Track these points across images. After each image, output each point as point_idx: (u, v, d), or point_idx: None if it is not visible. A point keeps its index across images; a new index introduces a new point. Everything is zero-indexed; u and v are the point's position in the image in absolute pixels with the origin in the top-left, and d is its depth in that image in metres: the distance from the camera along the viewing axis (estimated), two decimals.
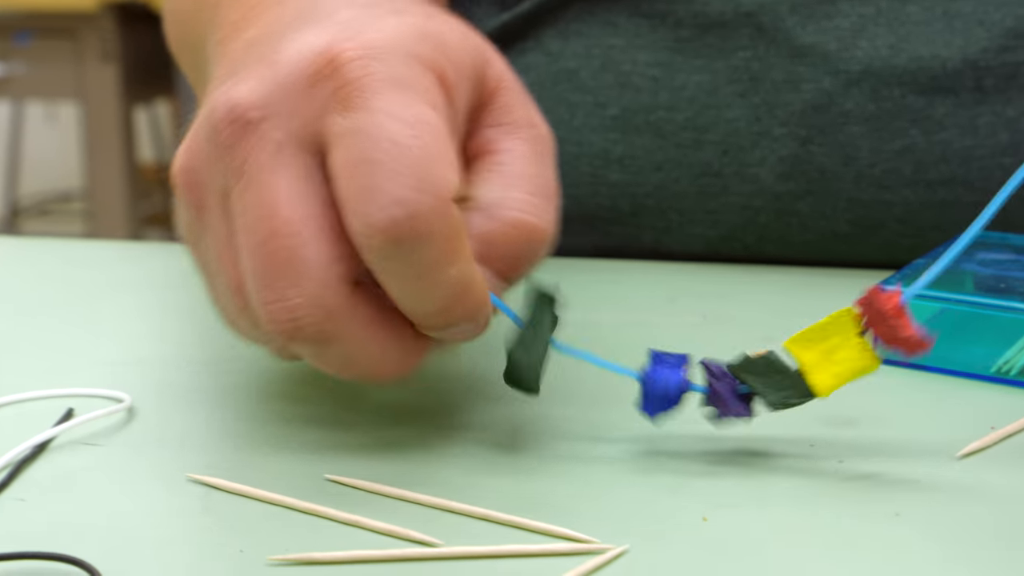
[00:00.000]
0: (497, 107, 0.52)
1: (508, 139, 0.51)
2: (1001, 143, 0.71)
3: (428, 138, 0.45)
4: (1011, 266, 0.60)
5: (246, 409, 0.54)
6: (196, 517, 0.46)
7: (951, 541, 0.43)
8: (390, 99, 0.45)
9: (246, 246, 0.46)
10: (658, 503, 0.46)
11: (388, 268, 0.45)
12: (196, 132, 0.48)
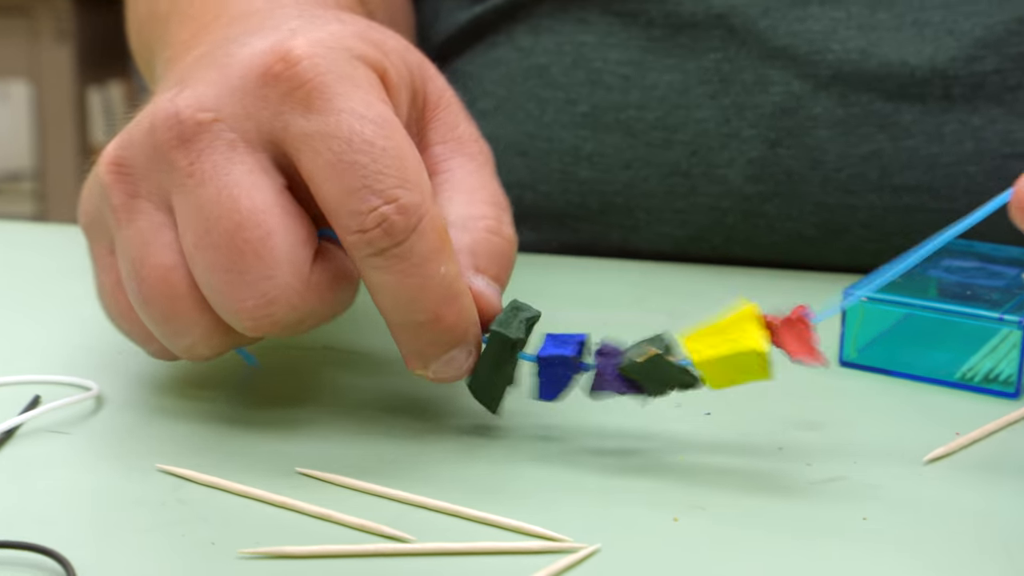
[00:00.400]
0: (441, 123, 0.53)
1: (456, 156, 0.52)
2: (966, 151, 0.71)
3: (398, 137, 0.46)
4: (976, 273, 0.61)
5: (215, 399, 0.54)
6: (167, 508, 0.45)
7: (918, 545, 0.44)
8: (350, 98, 0.46)
9: (205, 243, 0.46)
10: (630, 503, 0.46)
11: (381, 265, 0.46)
12: (136, 128, 0.48)
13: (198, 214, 0.46)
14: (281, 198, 0.46)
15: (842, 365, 0.58)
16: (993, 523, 0.45)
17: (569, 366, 0.49)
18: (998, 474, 0.49)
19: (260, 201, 0.46)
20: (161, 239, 0.47)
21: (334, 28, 0.49)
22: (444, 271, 0.46)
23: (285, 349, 0.59)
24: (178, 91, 0.47)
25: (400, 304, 0.47)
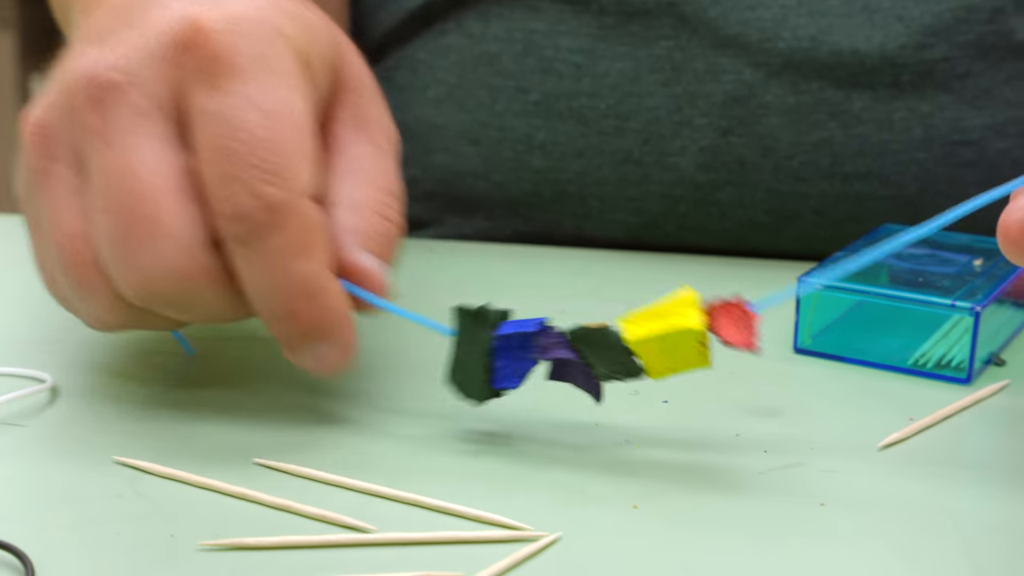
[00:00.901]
0: (350, 104, 0.53)
1: (359, 138, 0.52)
2: (916, 138, 0.72)
3: (285, 131, 0.46)
4: (927, 260, 0.61)
5: (172, 391, 0.53)
6: (125, 501, 0.45)
7: (875, 531, 0.44)
8: (253, 84, 0.46)
9: (104, 208, 0.46)
10: (589, 492, 0.46)
11: (242, 254, 0.46)
12: (54, 90, 0.48)
13: (101, 177, 0.46)
14: (179, 176, 0.46)
15: (797, 352, 0.59)
16: (947, 507, 0.46)
17: (528, 345, 0.48)
18: (952, 459, 0.50)
19: (158, 176, 0.46)
20: (73, 204, 0.47)
21: (260, 1, 0.48)
22: (304, 268, 0.46)
23: (242, 339, 0.58)
24: (95, 50, 0.47)
25: (258, 294, 0.47)
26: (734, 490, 0.47)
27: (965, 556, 0.43)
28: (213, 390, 0.54)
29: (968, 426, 0.53)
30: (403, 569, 0.41)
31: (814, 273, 0.58)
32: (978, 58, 0.72)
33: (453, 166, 0.75)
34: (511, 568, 0.41)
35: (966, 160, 0.73)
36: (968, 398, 0.54)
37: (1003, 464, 0.50)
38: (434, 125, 0.75)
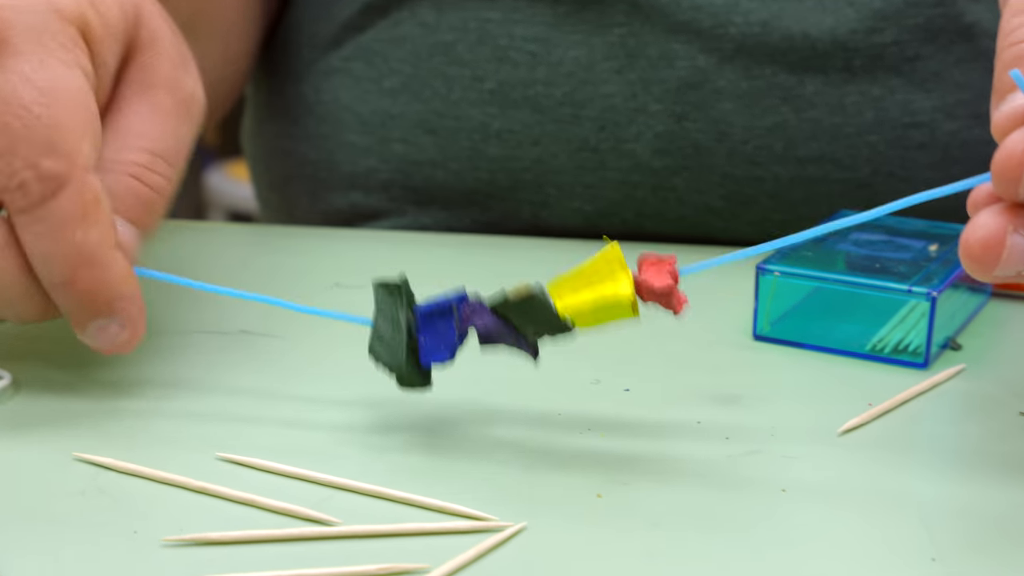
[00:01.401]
0: (139, 66, 0.53)
1: (138, 98, 0.53)
2: (867, 121, 0.73)
3: (61, 106, 0.47)
4: (884, 246, 0.62)
5: (132, 385, 0.53)
6: (86, 498, 0.45)
7: (836, 515, 0.45)
8: (26, 60, 0.48)
9: None
10: (553, 481, 0.46)
11: (23, 224, 0.47)
12: None
13: None
14: None
15: (756, 339, 0.59)
16: (907, 491, 0.46)
17: (449, 316, 0.48)
18: (910, 443, 0.50)
19: None
20: None
21: None
22: (82, 237, 0.47)
23: (201, 333, 0.58)
24: None
25: (39, 264, 0.48)
26: (697, 477, 0.47)
27: (926, 539, 0.43)
28: (173, 385, 0.53)
29: (926, 410, 0.53)
30: (368, 562, 0.41)
31: (771, 260, 0.59)
32: (927, 41, 0.72)
33: (410, 156, 0.75)
34: (476, 559, 0.42)
35: (917, 142, 0.73)
36: (926, 382, 0.55)
37: (961, 447, 0.50)
38: (390, 115, 0.75)
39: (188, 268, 0.67)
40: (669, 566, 0.41)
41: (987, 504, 0.46)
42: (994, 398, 0.54)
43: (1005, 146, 0.42)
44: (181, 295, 0.63)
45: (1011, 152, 0.42)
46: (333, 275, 0.66)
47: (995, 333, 0.61)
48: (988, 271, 0.43)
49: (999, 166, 0.42)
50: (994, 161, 0.43)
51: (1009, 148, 0.42)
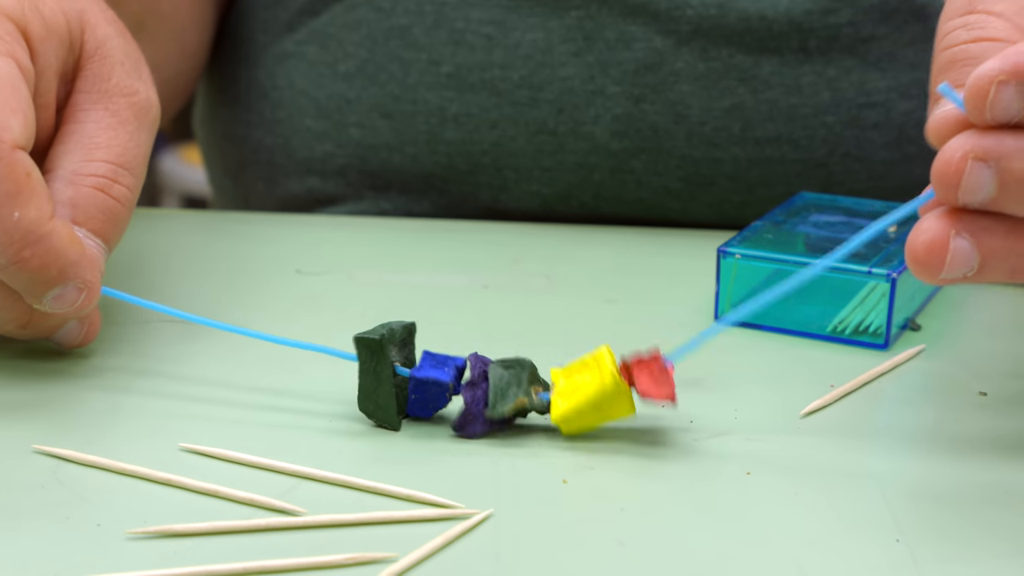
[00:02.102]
0: (90, 74, 0.54)
1: (95, 107, 0.53)
2: (824, 102, 0.73)
3: None
4: (842, 228, 0.62)
5: (92, 376, 0.53)
6: (47, 491, 0.44)
7: (800, 497, 0.45)
8: None
9: None
10: (519, 468, 0.46)
11: None
12: None
13: None
14: None
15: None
16: (870, 473, 0.47)
17: (443, 389, 0.49)
18: (872, 425, 0.51)
19: None
20: None
21: None
22: (19, 216, 0.47)
23: (161, 322, 0.58)
24: None
25: None
26: (662, 461, 0.47)
27: (890, 520, 0.43)
28: (133, 375, 0.53)
29: (887, 391, 0.53)
30: (335, 551, 0.41)
31: (733, 243, 0.59)
32: (881, 22, 0.73)
33: (366, 140, 0.75)
34: (444, 546, 0.41)
35: (872, 122, 0.74)
36: (886, 363, 0.55)
37: (922, 428, 0.51)
38: (346, 99, 0.75)
39: (144, 257, 0.66)
40: (636, 550, 0.41)
41: (949, 484, 0.46)
42: (954, 378, 0.54)
43: (942, 154, 0.43)
44: (140, 282, 0.63)
45: (948, 160, 0.43)
46: (293, 262, 0.65)
47: (953, 313, 0.61)
48: (934, 274, 0.44)
49: (937, 173, 0.43)
50: (933, 169, 0.44)
51: (946, 156, 0.43)
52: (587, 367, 0.48)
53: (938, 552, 0.42)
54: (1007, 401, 0.52)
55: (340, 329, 0.56)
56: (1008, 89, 0.42)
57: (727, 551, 0.42)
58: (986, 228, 0.44)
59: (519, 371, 0.49)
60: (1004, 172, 0.42)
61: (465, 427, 0.48)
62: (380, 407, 0.48)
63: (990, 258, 0.44)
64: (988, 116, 0.43)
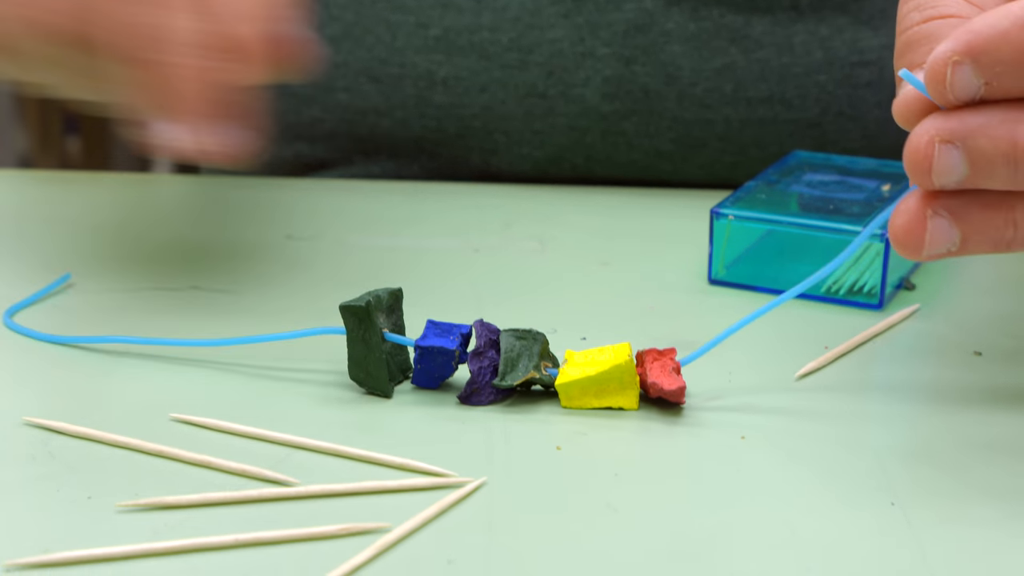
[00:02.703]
0: None
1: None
2: (816, 61, 0.72)
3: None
4: (836, 187, 0.61)
5: (81, 346, 0.52)
6: (37, 463, 0.44)
7: (795, 460, 0.45)
8: None
9: None
10: (512, 435, 0.46)
11: None
12: None
13: None
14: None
15: (711, 283, 0.59)
16: (864, 435, 0.46)
17: (449, 357, 0.48)
18: (866, 386, 0.50)
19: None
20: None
21: None
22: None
23: (150, 290, 0.57)
24: None
25: None
26: (655, 427, 0.47)
27: (884, 483, 0.43)
28: (123, 345, 0.52)
29: (882, 352, 0.53)
30: (328, 522, 0.40)
31: (726, 204, 0.58)
32: None
33: (355, 104, 0.74)
34: (438, 515, 0.41)
35: (865, 80, 0.73)
36: (881, 324, 0.55)
37: (917, 388, 0.50)
38: (333, 63, 0.74)
39: (136, 223, 0.66)
40: (630, 516, 0.41)
41: (944, 446, 0.46)
42: (948, 338, 0.54)
43: (910, 142, 0.43)
44: (128, 250, 0.62)
45: (916, 146, 0.43)
46: (284, 227, 0.65)
47: (947, 272, 0.61)
48: (917, 253, 0.44)
49: (908, 161, 0.43)
50: (904, 156, 0.43)
51: (914, 143, 0.43)
52: (604, 351, 0.48)
53: (933, 514, 0.41)
54: (1001, 361, 0.52)
55: (332, 294, 0.56)
56: (964, 69, 0.42)
57: (721, 516, 0.41)
58: (963, 204, 0.44)
59: (531, 343, 0.48)
60: (972, 151, 0.42)
61: (471, 397, 0.48)
62: (371, 375, 0.48)
63: (971, 233, 0.44)
64: (951, 97, 0.42)
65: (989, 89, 0.42)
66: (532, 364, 0.48)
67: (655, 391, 0.47)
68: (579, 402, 0.48)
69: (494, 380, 0.48)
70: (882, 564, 0.39)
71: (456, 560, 0.39)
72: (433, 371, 0.48)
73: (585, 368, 0.48)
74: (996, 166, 0.42)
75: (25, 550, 0.39)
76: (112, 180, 0.75)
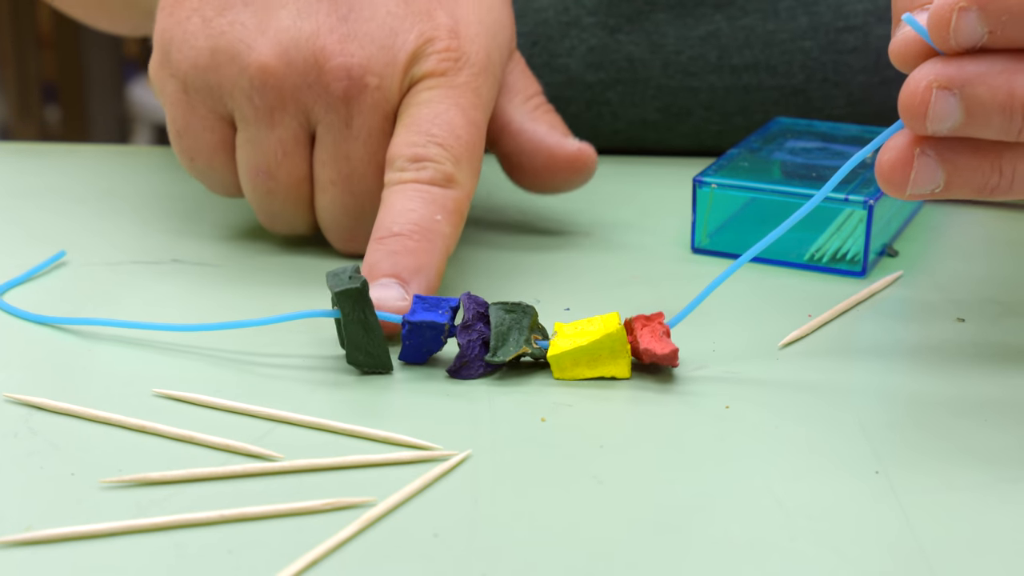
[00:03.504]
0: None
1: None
2: (801, 27, 0.72)
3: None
4: (819, 154, 0.61)
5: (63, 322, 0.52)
6: (19, 440, 0.44)
7: (779, 430, 0.45)
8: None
9: (341, 186, 0.55)
10: (496, 407, 0.46)
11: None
12: (297, 51, 0.53)
13: (346, 162, 0.54)
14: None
15: (694, 252, 0.59)
16: (847, 403, 0.46)
17: (439, 331, 0.48)
18: (849, 354, 0.50)
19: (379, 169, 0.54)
20: (298, 154, 0.55)
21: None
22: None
23: (131, 264, 0.57)
24: (344, 40, 0.53)
25: None
26: (640, 397, 0.47)
27: (868, 452, 0.43)
28: (106, 319, 0.52)
29: (865, 319, 0.53)
30: (313, 497, 0.40)
31: (708, 172, 0.58)
32: None
33: None
34: (423, 489, 0.41)
35: (850, 46, 0.73)
36: (864, 291, 0.55)
37: (900, 356, 0.50)
38: None
39: (117, 195, 0.66)
40: (616, 487, 0.41)
41: (928, 414, 0.46)
42: (931, 305, 0.54)
43: (907, 86, 0.43)
44: (108, 223, 0.62)
45: (913, 91, 0.43)
46: None
47: (930, 238, 0.61)
48: (901, 190, 0.45)
49: (904, 105, 0.43)
50: (899, 100, 0.43)
51: (911, 87, 0.43)
52: (593, 322, 0.48)
53: (917, 482, 0.41)
54: (984, 326, 0.52)
55: (315, 266, 0.56)
56: (970, 16, 0.42)
57: (706, 486, 0.41)
58: (951, 146, 0.44)
59: (520, 316, 0.48)
60: (969, 98, 0.42)
61: (460, 371, 0.48)
62: (371, 354, 0.48)
63: (955, 175, 0.44)
64: (953, 43, 0.42)
65: (992, 38, 0.42)
66: (523, 338, 0.48)
67: (648, 356, 0.47)
68: (571, 373, 0.48)
69: (486, 356, 0.47)
70: (868, 531, 0.39)
71: (441, 533, 0.39)
72: (422, 346, 0.48)
73: (576, 339, 0.47)
74: (991, 116, 0.42)
75: (8, 528, 0.39)
76: (91, 151, 0.74)
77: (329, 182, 0.55)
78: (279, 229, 0.58)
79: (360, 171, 0.54)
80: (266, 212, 0.57)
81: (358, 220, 0.56)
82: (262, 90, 0.53)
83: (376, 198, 0.54)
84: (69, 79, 2.13)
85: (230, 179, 0.57)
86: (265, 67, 0.53)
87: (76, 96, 2.16)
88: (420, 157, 0.53)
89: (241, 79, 0.53)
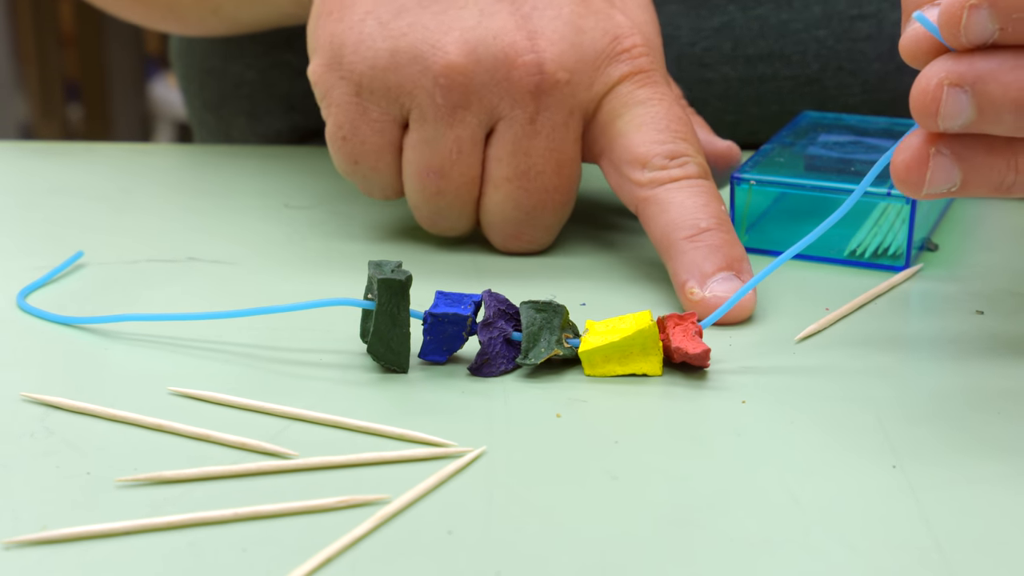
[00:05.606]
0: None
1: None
2: (815, 16, 0.72)
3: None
4: (853, 148, 0.60)
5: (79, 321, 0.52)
6: (36, 440, 0.44)
7: (797, 425, 0.44)
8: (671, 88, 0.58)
9: (516, 183, 0.55)
10: (511, 403, 0.46)
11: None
12: (485, 50, 0.53)
13: (525, 158, 0.54)
14: (580, 168, 0.56)
15: None
16: (864, 397, 0.46)
17: (461, 326, 0.48)
18: (866, 348, 0.50)
19: (574, 173, 0.56)
20: (473, 154, 0.55)
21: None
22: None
23: (147, 262, 0.57)
24: (533, 37, 0.53)
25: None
26: (655, 393, 0.47)
27: (886, 446, 0.43)
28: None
29: (882, 312, 0.53)
30: (327, 494, 0.40)
31: (745, 168, 0.58)
32: None
33: None
34: (438, 485, 0.41)
35: (865, 34, 0.73)
36: (882, 285, 0.54)
37: (917, 347, 0.50)
38: None
39: (133, 193, 0.66)
40: (630, 483, 0.41)
41: (946, 408, 0.45)
42: (949, 297, 0.54)
43: (918, 83, 0.43)
44: (125, 222, 0.62)
45: (924, 88, 0.43)
46: (282, 196, 0.65)
47: (967, 231, 0.60)
48: (917, 190, 0.44)
49: (915, 102, 0.43)
50: (911, 98, 0.43)
51: (922, 85, 0.43)
52: (625, 319, 0.48)
53: (935, 477, 0.41)
54: (1003, 319, 0.52)
55: (330, 263, 0.56)
56: (981, 13, 0.42)
57: (721, 482, 0.41)
58: (967, 144, 0.44)
59: (551, 315, 0.48)
60: (981, 96, 0.42)
61: (482, 368, 0.48)
62: (392, 350, 0.48)
63: (971, 173, 0.44)
64: (963, 40, 0.42)
65: (1003, 35, 0.42)
66: (554, 338, 0.47)
67: (679, 356, 0.47)
68: (602, 369, 0.47)
69: (517, 358, 0.47)
70: (884, 526, 0.39)
71: (456, 530, 0.39)
72: (442, 343, 0.48)
73: (608, 335, 0.47)
74: (1003, 112, 0.42)
75: (24, 527, 0.39)
76: (110, 150, 0.74)
77: (504, 179, 0.55)
78: (440, 229, 0.58)
79: (538, 167, 0.55)
80: (431, 212, 0.57)
81: (529, 216, 0.56)
82: (447, 88, 0.53)
83: (550, 195, 0.55)
84: (91, 77, 2.14)
85: (392, 181, 0.56)
86: (453, 66, 0.53)
87: (98, 94, 2.16)
88: (676, 153, 0.53)
89: (424, 79, 0.53)
